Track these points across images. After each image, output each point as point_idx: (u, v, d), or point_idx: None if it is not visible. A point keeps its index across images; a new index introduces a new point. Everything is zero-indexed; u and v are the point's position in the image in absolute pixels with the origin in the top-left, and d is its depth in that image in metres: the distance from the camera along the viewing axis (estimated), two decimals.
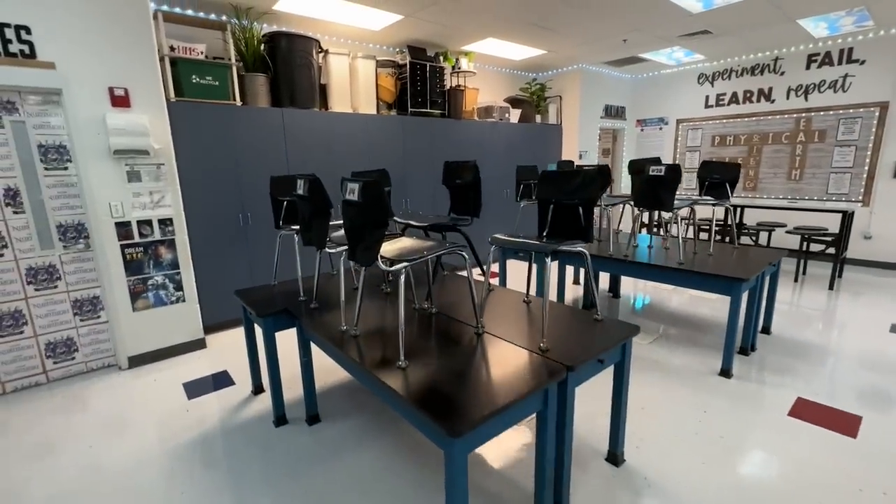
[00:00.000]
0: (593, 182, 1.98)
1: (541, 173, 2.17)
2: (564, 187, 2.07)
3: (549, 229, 2.19)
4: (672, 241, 3.86)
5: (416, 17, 4.29)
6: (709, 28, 4.86)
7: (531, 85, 6.59)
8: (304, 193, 1.98)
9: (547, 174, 2.16)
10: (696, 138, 6.97)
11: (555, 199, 2.12)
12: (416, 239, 2.05)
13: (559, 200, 2.11)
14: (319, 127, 4.27)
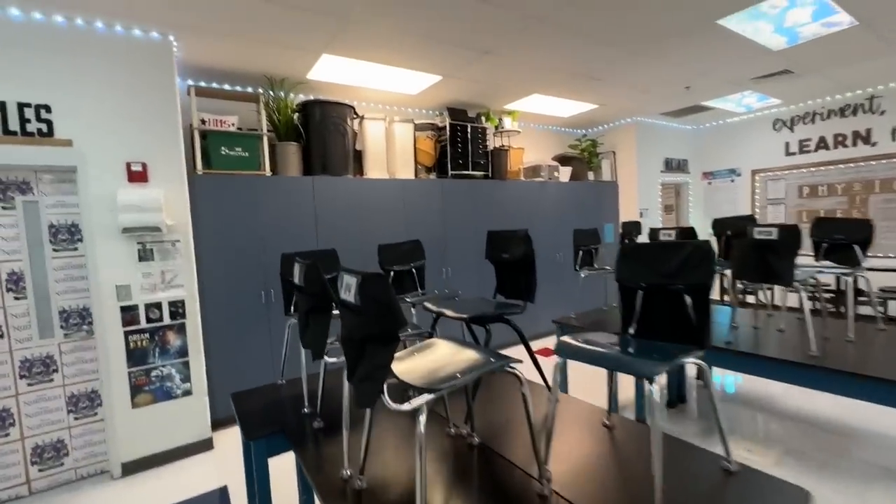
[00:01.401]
0: (707, 259, 1.34)
1: (621, 247, 1.56)
2: (661, 266, 1.44)
3: (639, 325, 1.53)
4: (785, 320, 3.00)
5: (457, 77, 4.03)
6: (791, 67, 4.24)
7: (581, 141, 6.14)
8: (299, 283, 1.50)
9: (633, 248, 1.55)
10: (779, 189, 6.08)
11: (646, 282, 1.49)
12: (450, 341, 1.46)
13: (653, 284, 1.47)
14: (353, 194, 3.95)
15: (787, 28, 3.30)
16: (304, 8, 2.67)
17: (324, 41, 3.13)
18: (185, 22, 2.77)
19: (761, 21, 3.15)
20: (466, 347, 1.35)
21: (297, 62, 3.48)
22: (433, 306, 1.91)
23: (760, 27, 3.25)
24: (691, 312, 1.37)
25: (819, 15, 3.10)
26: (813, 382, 2.21)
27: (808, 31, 3.37)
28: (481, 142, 4.85)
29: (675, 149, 6.68)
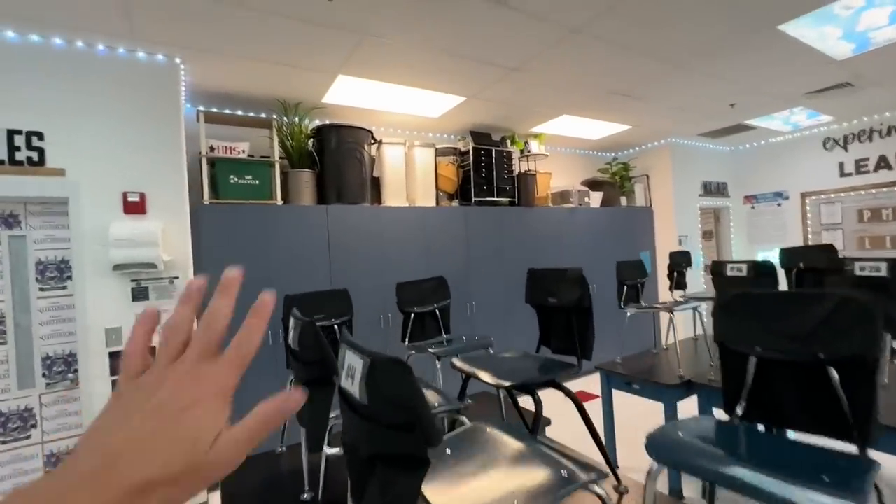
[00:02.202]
0: (865, 319, 0.93)
1: (731, 296, 1.16)
2: (785, 325, 1.04)
3: (751, 404, 1.12)
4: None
5: (481, 98, 3.76)
6: (851, 80, 3.83)
7: (612, 165, 5.77)
8: (294, 345, 1.14)
9: (740, 299, 1.15)
10: (835, 213, 5.53)
11: (762, 346, 1.08)
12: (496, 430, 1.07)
13: (774, 350, 1.06)
14: (369, 223, 3.65)
15: (857, 33, 2.92)
16: (318, 22, 2.44)
17: (340, 60, 2.90)
18: (194, 43, 2.58)
19: (829, 25, 2.78)
20: (524, 446, 0.96)
21: (312, 85, 3.27)
22: (465, 366, 1.53)
23: (827, 32, 2.88)
24: (841, 395, 0.95)
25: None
26: None
27: (881, 36, 2.98)
28: (507, 166, 4.54)
29: (714, 171, 6.24)
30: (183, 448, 0.27)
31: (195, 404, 0.29)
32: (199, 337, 0.31)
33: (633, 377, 2.79)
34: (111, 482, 0.25)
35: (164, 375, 0.30)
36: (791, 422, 1.04)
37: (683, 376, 2.63)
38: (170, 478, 0.26)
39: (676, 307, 2.90)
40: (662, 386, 2.59)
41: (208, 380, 0.30)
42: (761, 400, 1.10)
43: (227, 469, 0.29)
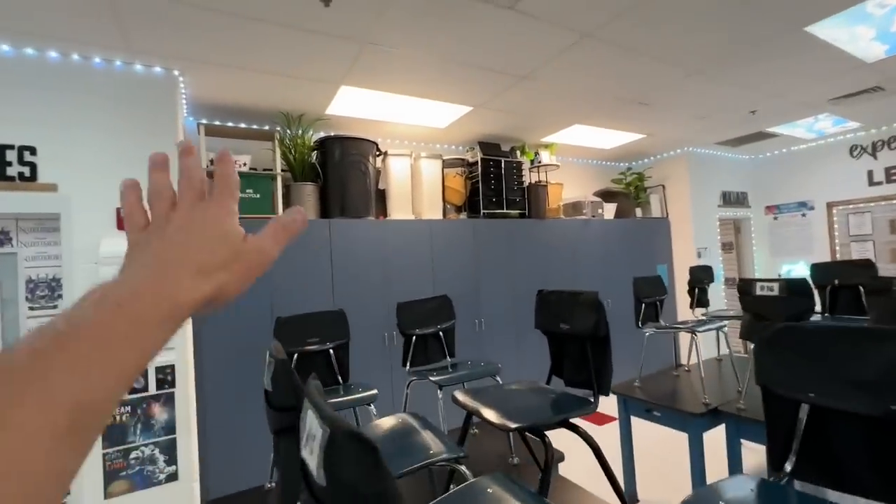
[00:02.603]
0: None
1: (777, 330, 0.99)
2: (844, 368, 0.86)
3: (802, 459, 0.93)
4: None
5: (489, 108, 3.64)
6: (883, 84, 3.62)
7: (626, 175, 5.59)
8: (267, 386, 1.00)
9: (784, 333, 0.98)
10: (864, 224, 5.26)
11: (817, 392, 0.90)
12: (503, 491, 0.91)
13: (830, 397, 0.89)
14: (374, 238, 3.53)
15: (892, 34, 2.73)
16: (319, 31, 2.35)
17: (342, 71, 2.81)
18: (192, 55, 2.51)
19: (861, 26, 2.60)
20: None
21: (314, 96, 3.18)
22: (469, 401, 1.37)
23: (858, 33, 2.70)
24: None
25: None
26: None
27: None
28: (516, 178, 4.40)
29: (733, 181, 6.01)
30: (218, 242, 0.32)
31: (212, 221, 0.33)
32: (185, 187, 0.35)
33: (653, 404, 2.59)
34: (176, 272, 0.29)
35: (168, 218, 0.34)
36: (856, 485, 0.86)
37: (709, 403, 2.43)
38: (219, 262, 0.31)
39: (699, 328, 2.70)
40: (686, 414, 2.39)
41: (208, 208, 0.34)
42: (816, 455, 0.92)
43: (265, 259, 0.34)
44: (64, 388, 0.24)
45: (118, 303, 0.28)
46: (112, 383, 0.26)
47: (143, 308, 0.28)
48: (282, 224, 0.37)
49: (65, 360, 0.24)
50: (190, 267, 0.31)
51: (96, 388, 0.25)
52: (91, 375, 0.25)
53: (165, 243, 0.32)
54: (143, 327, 0.28)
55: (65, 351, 0.25)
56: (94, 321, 0.27)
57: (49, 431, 0.23)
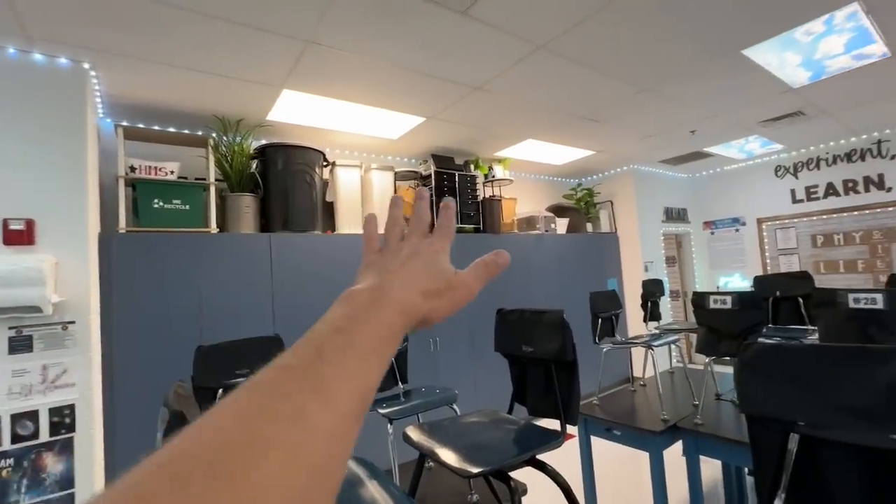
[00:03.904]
0: None
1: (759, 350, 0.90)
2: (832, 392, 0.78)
3: (793, 496, 0.84)
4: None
5: (442, 119, 3.54)
6: (804, 109, 3.91)
7: (576, 190, 5.70)
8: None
9: (768, 353, 0.89)
10: (790, 238, 5.66)
11: (808, 422, 0.81)
12: None
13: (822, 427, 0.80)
14: (321, 254, 3.28)
15: (815, 61, 2.93)
16: (258, 26, 2.14)
17: (284, 72, 2.60)
18: (108, 46, 2.20)
19: (790, 51, 2.77)
20: None
21: (254, 100, 2.93)
22: (423, 439, 1.19)
23: (788, 59, 2.87)
24: None
25: (854, 45, 2.74)
26: None
27: (836, 64, 3.01)
28: (471, 192, 4.32)
29: (674, 198, 6.31)
30: (437, 274, 0.40)
31: (433, 255, 0.42)
32: (415, 224, 0.45)
33: (613, 422, 2.51)
34: (411, 290, 0.38)
35: (399, 247, 0.43)
36: None
37: (668, 420, 2.38)
38: (435, 290, 0.39)
39: (654, 342, 2.68)
40: (646, 433, 2.33)
41: (433, 244, 0.43)
42: (808, 490, 0.83)
43: (469, 294, 0.41)
44: (354, 377, 0.29)
45: (379, 308, 0.35)
46: (378, 373, 0.32)
47: (393, 313, 0.35)
48: (484, 263, 0.43)
49: (352, 353, 0.30)
50: (418, 289, 0.38)
51: (374, 375, 0.31)
52: (371, 365, 0.31)
53: (401, 267, 0.39)
54: (395, 328, 0.35)
55: (354, 346, 0.31)
56: (364, 323, 0.33)
57: (352, 412, 0.28)
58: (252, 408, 0.25)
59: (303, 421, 0.25)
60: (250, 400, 0.26)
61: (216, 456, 0.22)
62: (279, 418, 0.24)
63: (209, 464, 0.21)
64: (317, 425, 0.25)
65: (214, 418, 0.24)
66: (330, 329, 0.32)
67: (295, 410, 0.25)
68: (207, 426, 0.24)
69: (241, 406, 0.25)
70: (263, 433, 0.23)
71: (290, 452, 0.23)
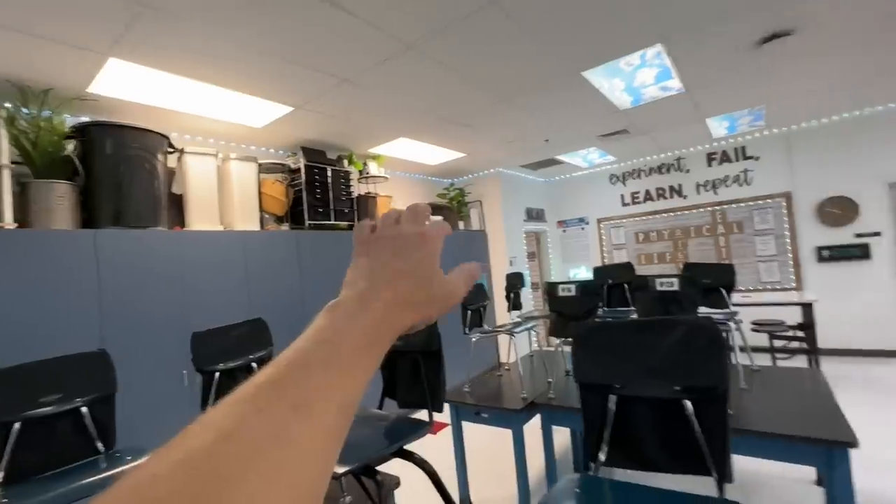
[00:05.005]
0: (714, 347, 0.90)
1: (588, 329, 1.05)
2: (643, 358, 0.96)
3: (614, 447, 1.01)
4: None
5: (311, 111, 3.37)
6: (628, 128, 4.70)
7: (449, 190, 5.97)
8: None
9: (595, 332, 1.05)
10: (620, 236, 6.77)
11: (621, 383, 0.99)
12: None
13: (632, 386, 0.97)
14: (167, 253, 2.85)
15: (634, 87, 3.54)
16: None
17: (111, 37, 2.18)
18: None
19: (617, 78, 3.30)
20: None
21: (69, 66, 2.41)
22: None
23: (616, 84, 3.41)
24: (697, 429, 0.89)
25: (660, 78, 3.39)
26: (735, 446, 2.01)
27: (649, 93, 3.69)
28: (344, 188, 4.20)
29: (533, 199, 7.02)
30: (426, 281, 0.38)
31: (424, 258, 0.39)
32: (408, 211, 0.43)
33: (481, 406, 2.70)
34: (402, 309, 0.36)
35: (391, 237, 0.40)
36: (655, 464, 0.96)
37: (527, 398, 2.65)
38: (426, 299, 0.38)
39: (515, 329, 2.96)
40: (509, 412, 2.56)
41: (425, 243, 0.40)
42: (624, 442, 1.01)
43: (457, 299, 0.40)
44: (338, 389, 0.29)
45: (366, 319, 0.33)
46: (363, 384, 0.31)
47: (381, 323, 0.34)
48: (469, 269, 0.43)
49: (337, 366, 0.30)
50: (407, 298, 0.36)
51: (359, 387, 0.31)
52: (352, 379, 0.30)
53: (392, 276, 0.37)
54: (383, 338, 0.34)
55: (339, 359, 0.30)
56: (349, 335, 0.32)
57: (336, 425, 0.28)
58: (230, 427, 0.24)
59: (284, 440, 0.24)
60: (228, 418, 0.24)
61: (191, 479, 0.21)
62: (259, 438, 0.24)
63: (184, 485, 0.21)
64: (298, 444, 0.25)
65: (190, 439, 0.23)
66: (314, 341, 0.31)
67: (276, 429, 0.24)
68: (182, 447, 0.23)
69: (219, 425, 0.24)
70: (242, 454, 0.23)
71: (270, 473, 0.23)
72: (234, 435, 0.23)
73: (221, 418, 0.24)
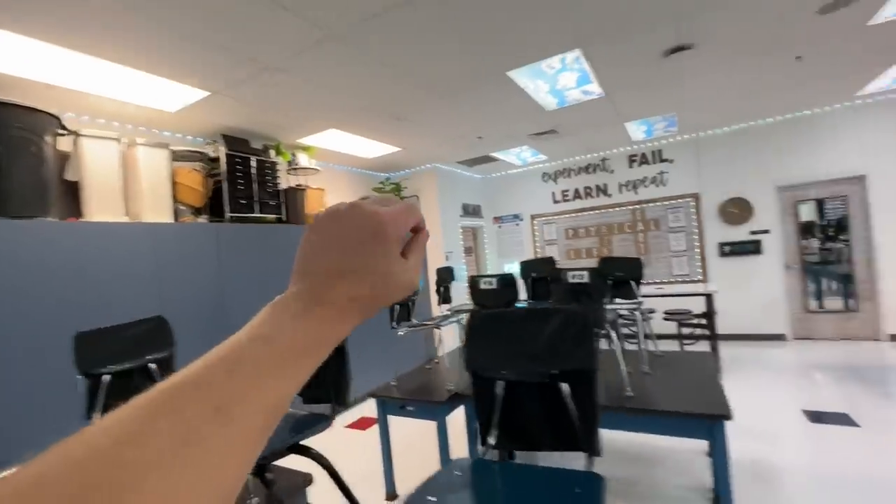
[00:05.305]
0: (583, 333, 0.97)
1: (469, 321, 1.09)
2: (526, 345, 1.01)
3: (503, 430, 1.06)
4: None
5: (231, 97, 3.19)
6: (556, 127, 4.92)
7: (385, 184, 5.91)
8: None
9: (484, 321, 1.09)
10: (552, 232, 7.08)
11: (507, 369, 1.04)
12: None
13: (517, 371, 1.03)
14: (59, 246, 2.57)
15: (558, 90, 3.71)
16: None
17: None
18: None
19: (541, 80, 3.43)
20: None
21: None
22: None
23: (540, 86, 3.55)
24: (572, 408, 0.96)
25: (581, 82, 3.57)
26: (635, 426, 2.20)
27: (572, 95, 3.88)
28: (271, 179, 4.02)
29: (470, 195, 7.15)
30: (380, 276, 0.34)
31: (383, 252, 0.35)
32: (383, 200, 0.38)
33: (406, 399, 2.72)
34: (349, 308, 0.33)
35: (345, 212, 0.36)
36: (539, 444, 1.02)
37: (452, 389, 2.71)
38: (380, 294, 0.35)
39: (442, 322, 3.01)
40: (433, 404, 2.60)
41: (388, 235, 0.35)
42: (511, 425, 1.06)
43: (409, 291, 0.37)
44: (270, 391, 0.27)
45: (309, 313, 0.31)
46: (298, 382, 0.30)
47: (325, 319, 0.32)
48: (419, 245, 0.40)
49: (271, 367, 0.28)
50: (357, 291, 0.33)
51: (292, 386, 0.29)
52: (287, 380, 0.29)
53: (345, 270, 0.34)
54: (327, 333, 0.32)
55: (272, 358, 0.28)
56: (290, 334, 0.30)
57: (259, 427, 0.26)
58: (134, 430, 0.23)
59: (196, 444, 0.23)
60: (134, 421, 0.23)
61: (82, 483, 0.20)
62: (167, 442, 0.22)
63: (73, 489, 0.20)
64: (213, 448, 0.24)
65: (88, 436, 0.22)
66: (250, 337, 0.29)
67: (188, 433, 0.23)
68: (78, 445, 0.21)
69: (123, 427, 0.23)
70: (144, 458, 0.21)
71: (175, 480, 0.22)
72: (138, 437, 0.22)
73: (127, 420, 0.23)
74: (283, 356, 0.29)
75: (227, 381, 0.26)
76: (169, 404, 0.24)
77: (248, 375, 0.27)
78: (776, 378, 4.31)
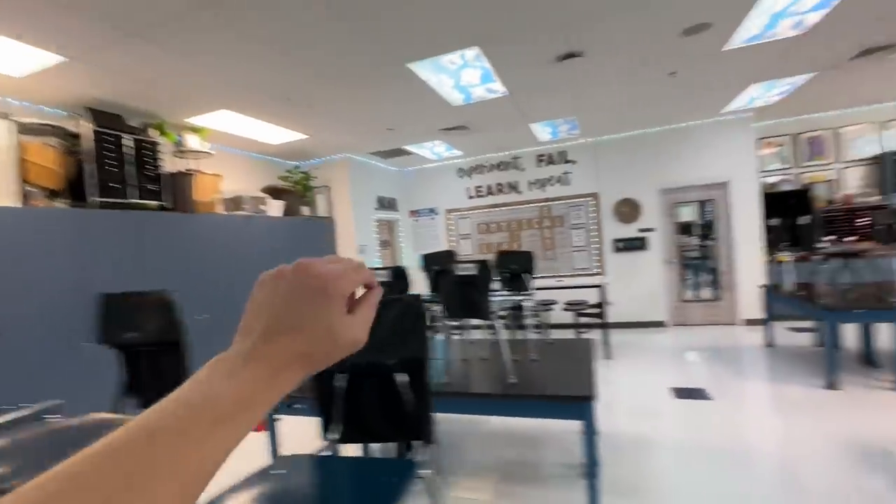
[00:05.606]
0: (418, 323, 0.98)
1: None
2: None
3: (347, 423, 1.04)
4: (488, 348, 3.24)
5: (93, 65, 2.80)
6: (466, 124, 5.01)
7: (293, 173, 5.62)
8: None
9: None
10: (466, 226, 7.24)
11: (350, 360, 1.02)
12: None
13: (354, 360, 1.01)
14: None
15: (463, 86, 3.77)
16: None
17: None
18: None
19: (444, 74, 3.46)
20: None
21: None
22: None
23: (444, 80, 3.58)
24: (408, 398, 0.97)
25: (485, 79, 3.66)
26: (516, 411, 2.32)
27: (477, 92, 3.96)
28: (151, 161, 3.62)
29: (386, 188, 7.06)
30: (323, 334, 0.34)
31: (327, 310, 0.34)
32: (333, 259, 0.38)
33: (295, 397, 2.61)
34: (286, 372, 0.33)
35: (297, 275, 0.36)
36: (381, 436, 1.02)
37: None
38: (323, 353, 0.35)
39: None
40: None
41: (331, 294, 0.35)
42: (355, 419, 1.04)
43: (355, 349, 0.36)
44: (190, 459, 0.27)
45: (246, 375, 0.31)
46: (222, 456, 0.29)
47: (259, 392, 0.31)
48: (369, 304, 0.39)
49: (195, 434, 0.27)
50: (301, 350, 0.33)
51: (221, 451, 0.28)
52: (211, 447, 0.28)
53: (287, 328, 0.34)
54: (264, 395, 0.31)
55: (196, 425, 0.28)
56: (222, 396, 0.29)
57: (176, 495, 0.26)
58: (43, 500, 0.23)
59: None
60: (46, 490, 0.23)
61: None
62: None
63: None
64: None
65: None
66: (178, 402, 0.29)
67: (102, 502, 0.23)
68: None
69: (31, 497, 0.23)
70: None
71: None
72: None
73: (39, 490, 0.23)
74: (209, 423, 0.28)
75: (146, 449, 0.26)
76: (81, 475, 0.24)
77: (167, 444, 0.26)
78: (654, 360, 4.82)
